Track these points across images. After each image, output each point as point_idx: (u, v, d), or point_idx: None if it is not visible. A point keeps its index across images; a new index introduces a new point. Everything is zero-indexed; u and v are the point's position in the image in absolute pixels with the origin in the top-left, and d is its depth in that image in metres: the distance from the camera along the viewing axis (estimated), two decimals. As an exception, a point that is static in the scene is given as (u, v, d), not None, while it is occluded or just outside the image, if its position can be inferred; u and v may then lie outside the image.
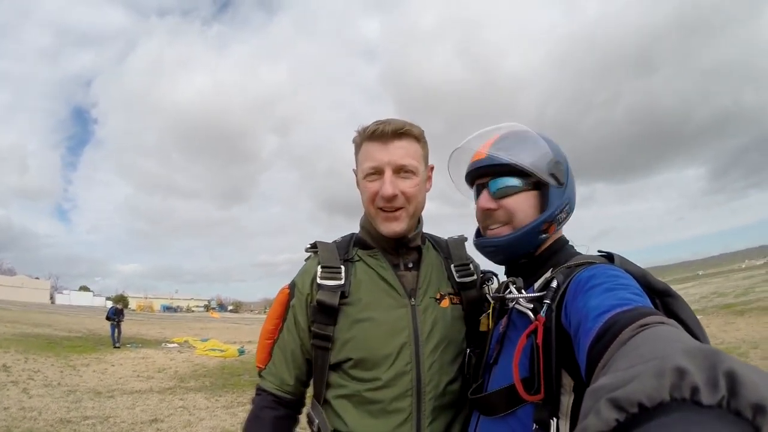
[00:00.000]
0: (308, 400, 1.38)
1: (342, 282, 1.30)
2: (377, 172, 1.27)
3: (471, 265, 1.44)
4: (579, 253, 1.16)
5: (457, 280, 1.39)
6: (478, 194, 1.24)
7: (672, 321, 0.65)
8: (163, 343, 19.32)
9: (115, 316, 17.96)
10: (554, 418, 0.91)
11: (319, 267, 1.32)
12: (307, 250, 1.41)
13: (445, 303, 1.33)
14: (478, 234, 1.29)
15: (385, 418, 1.20)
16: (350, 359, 1.24)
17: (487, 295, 1.33)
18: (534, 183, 1.16)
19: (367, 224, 1.38)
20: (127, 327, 17.94)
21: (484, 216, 1.21)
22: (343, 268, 1.32)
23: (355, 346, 1.24)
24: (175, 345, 19.01)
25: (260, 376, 1.38)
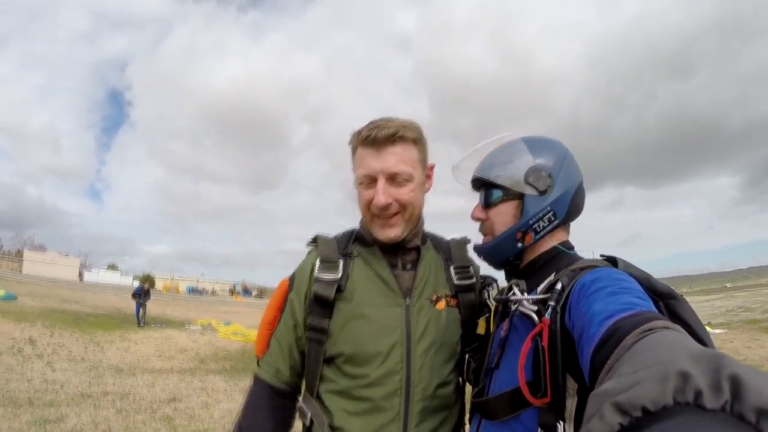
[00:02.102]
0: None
1: (339, 276, 1.29)
2: (371, 180, 1.25)
3: (471, 268, 1.42)
4: (582, 258, 1.14)
5: (456, 282, 1.37)
6: None
7: (677, 326, 0.64)
8: (187, 325, 19.63)
9: (141, 295, 18.31)
10: (560, 422, 0.90)
11: (318, 261, 1.32)
12: (308, 245, 1.41)
13: (441, 305, 1.31)
14: None
15: (372, 417, 1.20)
16: (342, 354, 1.24)
17: (488, 300, 1.34)
18: (517, 192, 1.18)
19: (363, 227, 1.37)
20: (152, 307, 18.28)
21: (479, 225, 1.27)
22: (341, 262, 1.32)
23: (347, 342, 1.24)
24: (198, 327, 19.27)
25: (258, 365, 1.39)
